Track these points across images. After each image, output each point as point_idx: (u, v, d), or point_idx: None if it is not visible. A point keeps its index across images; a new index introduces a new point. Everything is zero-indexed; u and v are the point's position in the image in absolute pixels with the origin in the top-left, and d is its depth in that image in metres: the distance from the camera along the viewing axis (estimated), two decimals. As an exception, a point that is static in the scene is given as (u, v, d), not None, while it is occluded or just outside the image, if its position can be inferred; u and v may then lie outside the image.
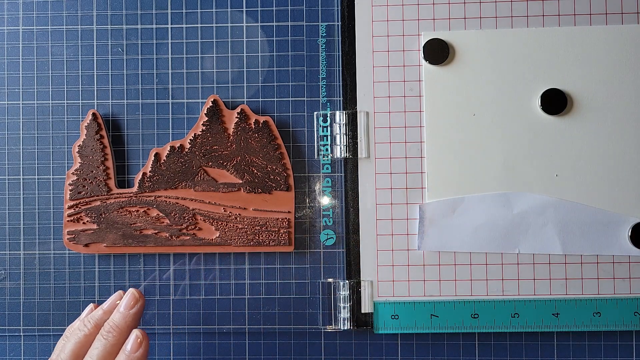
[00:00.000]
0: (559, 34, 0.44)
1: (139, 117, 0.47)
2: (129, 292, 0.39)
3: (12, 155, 0.47)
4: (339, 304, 0.45)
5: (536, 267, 0.44)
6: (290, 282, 0.46)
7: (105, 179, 0.45)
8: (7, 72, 0.47)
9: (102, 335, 0.37)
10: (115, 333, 0.37)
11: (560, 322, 0.44)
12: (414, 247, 0.45)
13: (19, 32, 0.47)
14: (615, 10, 0.44)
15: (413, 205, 0.45)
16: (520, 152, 0.44)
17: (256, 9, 0.46)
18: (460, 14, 0.45)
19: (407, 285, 0.45)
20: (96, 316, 0.39)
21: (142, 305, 0.39)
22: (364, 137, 0.45)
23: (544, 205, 0.44)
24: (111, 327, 0.37)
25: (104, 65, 0.47)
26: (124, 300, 0.38)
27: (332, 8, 0.46)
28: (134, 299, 0.38)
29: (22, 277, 0.47)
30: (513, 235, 0.44)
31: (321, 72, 0.46)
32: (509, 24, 0.45)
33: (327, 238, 0.46)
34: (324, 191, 0.46)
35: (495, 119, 0.44)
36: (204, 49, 0.46)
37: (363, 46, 0.45)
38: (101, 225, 0.45)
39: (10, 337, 0.47)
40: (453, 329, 0.44)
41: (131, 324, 0.38)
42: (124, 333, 0.37)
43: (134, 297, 0.38)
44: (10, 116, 0.47)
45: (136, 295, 0.39)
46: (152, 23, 0.47)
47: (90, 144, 0.45)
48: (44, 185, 0.47)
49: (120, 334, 0.37)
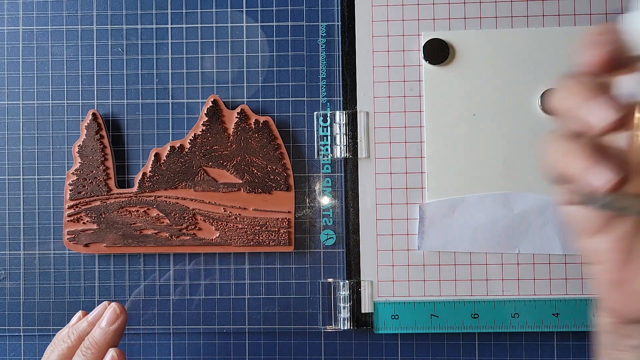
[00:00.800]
0: (559, 34, 0.44)
1: (139, 117, 0.47)
2: (110, 306, 0.38)
3: (12, 155, 0.47)
4: (339, 304, 0.45)
5: (536, 267, 0.44)
6: (290, 282, 0.46)
7: (105, 179, 0.45)
8: (7, 72, 0.47)
9: (82, 351, 0.37)
10: (94, 350, 0.37)
11: (560, 322, 0.44)
12: (414, 247, 0.45)
13: (19, 32, 0.47)
14: (616, 10, 0.44)
15: (413, 205, 0.45)
16: (520, 152, 0.44)
17: (256, 9, 0.46)
18: (461, 14, 0.45)
19: (407, 285, 0.45)
20: (80, 328, 0.38)
21: (124, 321, 0.38)
22: (364, 137, 0.45)
23: (544, 205, 0.44)
24: (90, 344, 0.37)
25: (104, 65, 0.47)
26: (106, 315, 0.38)
27: (332, 8, 0.46)
28: (115, 315, 0.38)
29: (22, 277, 0.47)
30: (513, 235, 0.44)
31: (321, 72, 0.46)
32: (509, 24, 0.45)
33: (327, 238, 0.46)
34: (324, 191, 0.46)
35: (495, 119, 0.44)
36: (204, 49, 0.46)
37: (363, 46, 0.45)
38: (101, 225, 0.45)
39: (10, 337, 0.47)
40: (453, 329, 0.44)
41: (110, 341, 0.37)
42: (102, 350, 0.37)
43: (114, 313, 0.38)
44: (10, 116, 0.47)
45: (117, 310, 0.38)
46: (152, 23, 0.47)
47: (90, 144, 0.45)
48: (44, 185, 0.47)
49: (99, 351, 0.37)
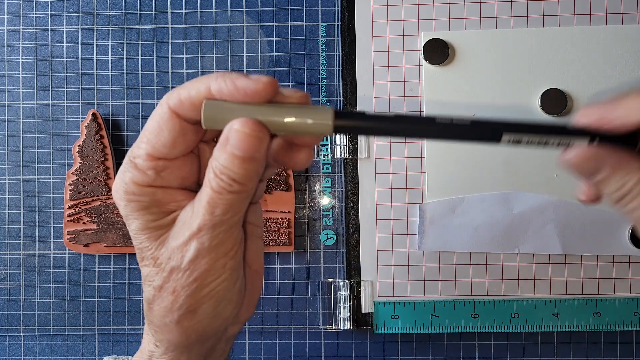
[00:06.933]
0: (559, 34, 0.44)
1: (139, 117, 0.46)
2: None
3: (12, 155, 0.47)
4: (339, 304, 0.45)
5: (536, 267, 0.44)
6: (290, 282, 0.46)
7: (105, 179, 0.45)
8: (7, 72, 0.47)
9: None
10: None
11: (560, 322, 0.44)
12: (414, 247, 0.45)
13: (19, 32, 0.47)
14: (616, 10, 0.44)
15: (413, 205, 0.45)
16: (520, 152, 0.44)
17: (256, 9, 0.46)
18: (461, 14, 0.45)
19: (407, 285, 0.45)
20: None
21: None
22: (364, 137, 0.45)
23: (544, 205, 0.44)
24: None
25: (104, 65, 0.47)
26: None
27: (332, 8, 0.46)
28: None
29: (22, 277, 0.47)
30: (513, 235, 0.44)
31: (321, 72, 0.46)
32: (509, 24, 0.45)
33: (327, 238, 0.46)
34: (324, 191, 0.46)
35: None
36: (204, 49, 0.46)
37: (363, 46, 0.45)
38: (101, 225, 0.45)
39: (10, 337, 0.47)
40: (453, 329, 0.44)
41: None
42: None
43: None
44: (11, 116, 0.47)
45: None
46: (152, 23, 0.47)
47: (90, 144, 0.45)
48: (44, 185, 0.47)
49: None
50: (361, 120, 0.25)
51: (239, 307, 0.28)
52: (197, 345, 0.28)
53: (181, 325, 0.26)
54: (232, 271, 0.26)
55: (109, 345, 0.47)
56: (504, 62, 0.44)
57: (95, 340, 0.47)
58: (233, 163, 0.24)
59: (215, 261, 0.25)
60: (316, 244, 0.46)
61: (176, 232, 0.26)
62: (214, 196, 0.24)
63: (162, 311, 0.26)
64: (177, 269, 0.25)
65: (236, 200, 0.25)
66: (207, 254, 0.25)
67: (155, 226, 0.26)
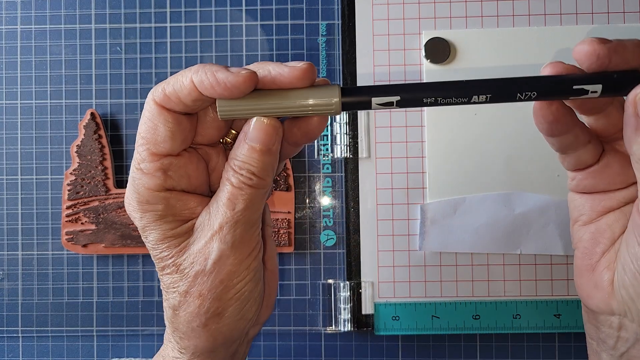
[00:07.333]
0: (560, 32, 0.44)
1: (138, 116, 0.46)
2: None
3: (10, 155, 0.46)
4: (339, 305, 0.45)
5: (538, 268, 0.44)
6: (290, 283, 0.46)
7: (103, 179, 0.45)
8: (5, 72, 0.47)
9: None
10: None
11: (562, 323, 0.44)
12: (414, 248, 0.44)
13: (17, 32, 0.47)
14: (617, 9, 0.44)
15: (414, 205, 0.45)
16: (521, 152, 0.44)
17: (256, 7, 0.46)
18: (462, 13, 0.44)
19: (408, 286, 0.44)
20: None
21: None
22: (364, 137, 0.45)
23: (545, 206, 0.44)
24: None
25: (102, 64, 0.46)
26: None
27: (333, 6, 0.46)
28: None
29: (20, 278, 0.46)
30: (514, 236, 0.44)
31: (321, 71, 0.46)
32: (510, 23, 0.44)
33: (327, 239, 0.46)
34: (324, 191, 0.46)
35: (497, 118, 0.44)
36: (203, 48, 0.46)
37: (363, 45, 0.45)
38: (99, 225, 0.45)
39: (8, 337, 0.46)
40: (454, 330, 0.44)
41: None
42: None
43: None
44: (9, 116, 0.47)
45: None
46: (151, 22, 0.46)
47: (89, 143, 0.45)
48: (42, 185, 0.46)
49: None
50: (367, 95, 0.25)
51: (260, 308, 0.28)
52: (222, 348, 0.28)
53: (208, 328, 0.27)
54: (255, 272, 0.27)
55: (107, 346, 0.46)
56: (505, 60, 0.44)
57: (94, 342, 0.46)
58: (252, 157, 0.25)
59: (240, 262, 0.26)
60: (316, 245, 0.46)
61: (197, 237, 0.26)
62: (235, 192, 0.25)
63: (188, 316, 0.27)
64: (201, 272, 0.26)
65: (255, 195, 0.25)
66: (231, 254, 0.26)
67: (173, 235, 0.26)
